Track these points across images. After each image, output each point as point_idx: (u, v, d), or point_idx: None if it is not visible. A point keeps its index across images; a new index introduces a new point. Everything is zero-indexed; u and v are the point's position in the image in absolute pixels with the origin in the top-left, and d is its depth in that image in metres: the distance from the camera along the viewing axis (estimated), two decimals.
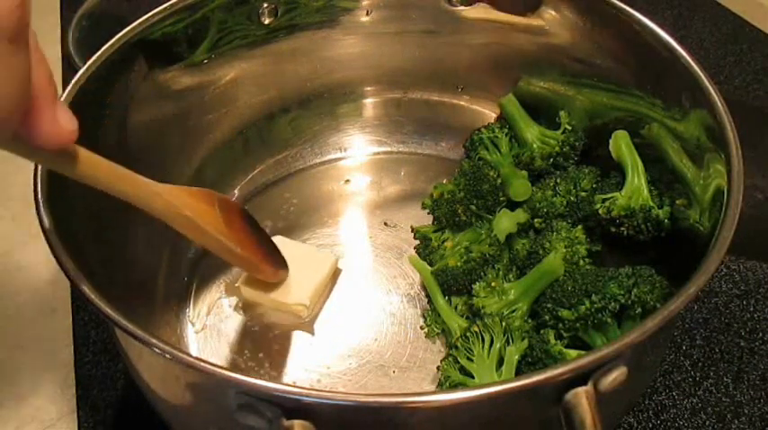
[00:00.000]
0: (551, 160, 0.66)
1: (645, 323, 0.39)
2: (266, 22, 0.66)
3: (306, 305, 0.60)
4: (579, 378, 0.37)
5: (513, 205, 0.65)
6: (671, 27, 0.56)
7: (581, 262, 0.59)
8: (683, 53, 0.54)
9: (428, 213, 0.66)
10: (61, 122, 0.34)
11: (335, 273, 0.64)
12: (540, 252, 0.59)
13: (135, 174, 0.43)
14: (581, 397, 0.37)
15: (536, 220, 0.63)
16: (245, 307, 0.62)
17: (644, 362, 0.48)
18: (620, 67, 0.61)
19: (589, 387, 0.37)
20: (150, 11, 0.59)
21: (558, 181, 0.64)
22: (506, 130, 0.68)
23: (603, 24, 0.61)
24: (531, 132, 0.67)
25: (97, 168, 0.40)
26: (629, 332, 0.39)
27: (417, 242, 0.66)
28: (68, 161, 0.38)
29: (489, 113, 0.73)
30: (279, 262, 0.60)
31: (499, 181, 0.64)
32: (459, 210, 0.63)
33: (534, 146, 0.66)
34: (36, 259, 0.68)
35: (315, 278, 0.61)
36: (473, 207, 0.63)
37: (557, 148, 0.65)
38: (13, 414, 0.58)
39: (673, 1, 0.98)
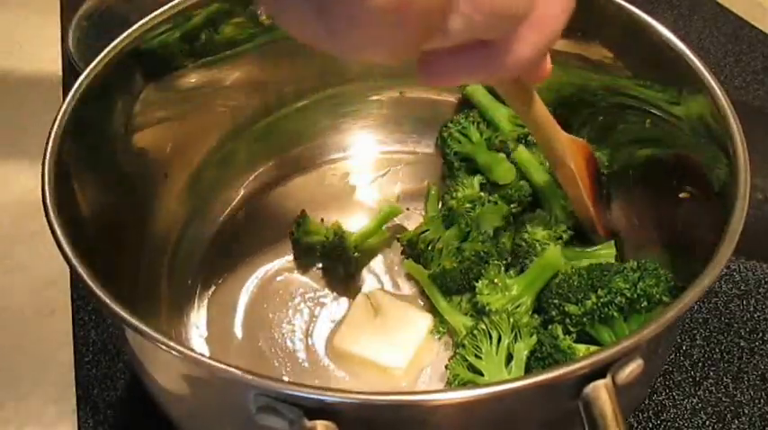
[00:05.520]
0: (523, 141, 0.66)
1: (663, 314, 0.39)
2: (266, 22, 0.66)
3: (402, 369, 0.57)
4: (598, 371, 0.38)
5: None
6: (671, 27, 0.56)
7: (564, 235, 0.61)
8: (687, 51, 0.54)
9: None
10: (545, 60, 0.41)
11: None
12: (523, 244, 0.60)
13: (550, 116, 0.51)
14: (601, 390, 0.37)
15: (512, 206, 0.64)
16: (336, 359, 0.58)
17: (656, 355, 0.48)
18: (620, 65, 0.61)
19: (608, 380, 0.38)
20: (151, 11, 0.59)
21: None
22: (472, 118, 0.68)
23: (603, 24, 0.61)
24: (501, 116, 0.67)
25: (530, 104, 0.48)
26: (647, 324, 0.39)
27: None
28: (520, 94, 0.47)
29: None
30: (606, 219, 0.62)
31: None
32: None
33: (506, 129, 0.67)
34: (36, 259, 0.68)
35: (413, 340, 0.58)
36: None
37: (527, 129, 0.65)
38: (13, 414, 0.58)
39: (673, 1, 0.98)
